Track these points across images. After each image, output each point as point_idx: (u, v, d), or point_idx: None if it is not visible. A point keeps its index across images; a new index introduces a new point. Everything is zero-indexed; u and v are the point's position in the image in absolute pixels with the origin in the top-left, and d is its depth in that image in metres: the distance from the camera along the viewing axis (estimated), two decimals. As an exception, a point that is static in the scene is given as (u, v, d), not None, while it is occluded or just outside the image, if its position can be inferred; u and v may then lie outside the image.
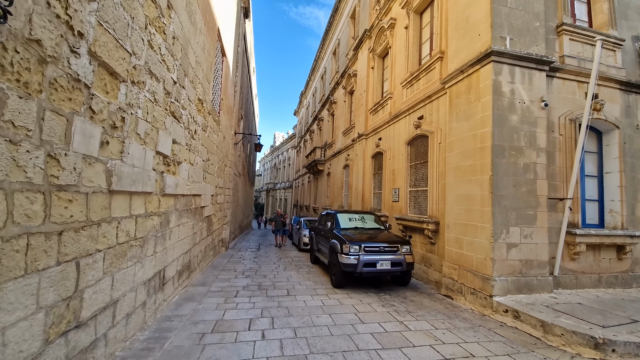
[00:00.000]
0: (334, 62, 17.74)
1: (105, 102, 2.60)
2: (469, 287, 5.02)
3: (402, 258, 5.70)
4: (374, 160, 10.13)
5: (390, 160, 8.67)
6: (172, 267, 4.56)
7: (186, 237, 5.33)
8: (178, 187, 4.56)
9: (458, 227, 5.40)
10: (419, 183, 7.20)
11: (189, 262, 5.67)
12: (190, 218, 5.50)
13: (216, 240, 8.96)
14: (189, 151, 5.12)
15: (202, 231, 6.67)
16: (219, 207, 9.07)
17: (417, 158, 7.41)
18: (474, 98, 5.30)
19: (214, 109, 7.19)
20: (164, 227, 4.08)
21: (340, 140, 14.59)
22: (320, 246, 7.97)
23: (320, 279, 6.70)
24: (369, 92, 10.94)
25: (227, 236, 11.02)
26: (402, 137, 8.01)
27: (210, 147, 6.95)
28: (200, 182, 6.06)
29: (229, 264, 8.05)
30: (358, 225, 7.04)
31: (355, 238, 5.96)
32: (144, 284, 3.53)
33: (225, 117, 9.27)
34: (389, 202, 8.61)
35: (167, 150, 3.98)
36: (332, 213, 7.45)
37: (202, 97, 5.76)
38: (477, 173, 5.05)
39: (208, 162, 6.84)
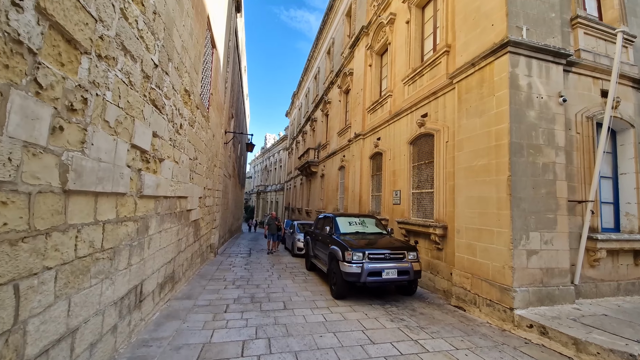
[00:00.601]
0: (328, 62, 17.33)
1: (60, 76, 2.02)
2: (485, 298, 4.58)
3: (409, 266, 5.23)
4: (372, 161, 9.69)
5: (391, 161, 8.23)
6: (151, 280, 3.94)
7: (169, 245, 4.71)
8: (160, 188, 3.97)
9: (470, 232, 4.97)
10: (423, 185, 6.78)
11: (173, 273, 5.04)
12: (174, 223, 4.89)
13: (204, 246, 8.31)
14: (174, 147, 4.53)
15: (188, 237, 6.04)
16: (208, 210, 8.43)
17: (420, 158, 6.99)
18: (487, 93, 4.90)
19: (203, 104, 6.60)
20: (141, 235, 3.48)
21: (335, 141, 14.13)
22: (317, 252, 7.43)
23: (319, 288, 6.16)
24: (366, 91, 10.52)
25: (216, 241, 10.35)
26: (404, 137, 7.59)
27: (198, 145, 6.35)
28: (186, 183, 5.46)
29: (218, 272, 7.41)
30: (359, 229, 6.55)
31: (358, 244, 5.46)
32: (114, 304, 2.92)
33: (215, 113, 8.66)
34: (389, 204, 8.16)
35: (146, 144, 3.40)
36: (331, 217, 6.94)
37: (189, 88, 5.18)
38: (492, 173, 4.64)
39: (195, 161, 6.23)
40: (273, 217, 11.78)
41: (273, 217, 11.82)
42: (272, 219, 11.70)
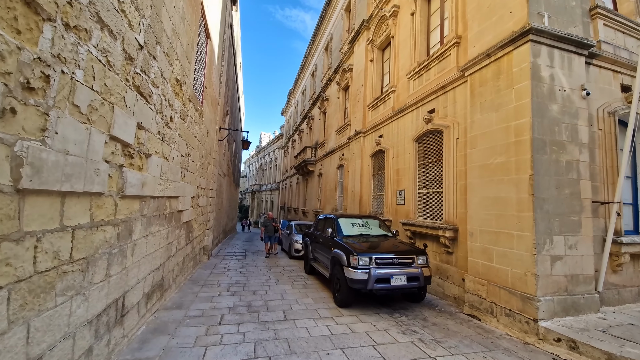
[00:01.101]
0: (326, 58, 16.92)
1: (14, 46, 1.59)
2: (503, 307, 4.23)
3: (419, 272, 4.86)
4: (373, 160, 9.31)
5: (394, 159, 7.86)
6: (136, 290, 3.49)
7: (158, 250, 4.26)
8: (146, 187, 3.52)
9: (486, 235, 4.62)
10: (431, 184, 6.42)
11: (162, 280, 4.59)
12: (163, 225, 4.43)
13: (197, 249, 7.84)
14: (163, 142, 4.07)
15: (179, 240, 5.58)
16: (201, 211, 7.96)
17: (427, 156, 6.63)
18: (504, 85, 4.55)
19: (196, 97, 6.14)
20: (123, 240, 3.03)
21: (334, 139, 13.73)
22: (317, 255, 7.03)
23: (320, 294, 5.75)
24: (367, 87, 10.14)
25: (210, 243, 9.88)
26: (409, 134, 7.23)
27: (190, 141, 5.89)
28: (177, 182, 5.00)
29: (212, 277, 6.96)
30: (363, 231, 6.16)
31: (364, 248, 5.07)
32: (88, 323, 2.48)
33: (209, 108, 8.19)
34: (392, 205, 7.80)
35: (129, 136, 2.95)
36: (332, 218, 6.53)
37: (180, 77, 4.72)
38: (512, 172, 4.28)
39: (188, 159, 5.77)
40: (269, 218, 10.95)
41: (269, 217, 11.00)
42: (268, 219, 10.86)
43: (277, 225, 10.93)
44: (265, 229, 10.78)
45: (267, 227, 10.72)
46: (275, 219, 11.37)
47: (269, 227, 10.68)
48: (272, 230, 10.70)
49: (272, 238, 10.79)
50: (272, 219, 10.91)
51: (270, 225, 10.70)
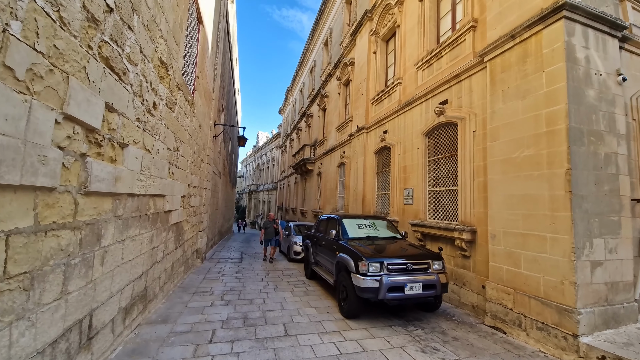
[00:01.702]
0: (325, 54, 16.40)
1: None
2: (534, 319, 3.72)
3: (435, 278, 4.35)
4: (377, 157, 8.80)
5: (401, 156, 7.36)
6: (109, 306, 2.93)
7: (139, 256, 3.70)
8: (121, 183, 2.96)
9: (512, 237, 4.11)
10: (443, 182, 5.91)
11: (145, 290, 4.02)
12: (146, 228, 3.87)
13: (189, 252, 7.27)
14: (144, 131, 3.51)
15: (167, 244, 5.02)
16: (193, 211, 7.39)
17: (439, 151, 6.13)
18: (532, 69, 4.05)
19: (186, 85, 5.58)
20: (88, 247, 2.47)
21: (334, 136, 13.21)
22: (319, 259, 6.50)
23: (324, 303, 5.22)
24: (370, 81, 9.63)
25: (204, 245, 9.30)
26: (418, 128, 6.72)
27: (180, 134, 5.33)
28: (163, 178, 4.44)
29: (205, 283, 6.39)
30: (370, 233, 5.63)
31: (374, 253, 4.54)
32: (39, 354, 1.92)
33: (202, 101, 7.62)
34: (399, 204, 7.29)
35: (94, 118, 2.39)
36: (336, 218, 6.00)
37: (166, 59, 4.16)
38: (543, 166, 3.78)
39: (177, 153, 5.21)
40: (270, 219, 9.84)
41: (270, 219, 9.93)
42: (269, 221, 9.75)
43: (277, 227, 9.74)
44: (265, 231, 9.60)
45: (267, 229, 9.59)
46: (276, 221, 10.03)
47: (269, 230, 9.57)
48: (273, 233, 9.61)
49: (271, 241, 9.67)
50: (272, 220, 9.79)
51: (270, 227, 9.60)
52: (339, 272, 5.05)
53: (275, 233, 9.59)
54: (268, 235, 9.53)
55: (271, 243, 9.65)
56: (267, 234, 9.52)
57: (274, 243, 9.74)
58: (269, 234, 9.52)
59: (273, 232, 9.56)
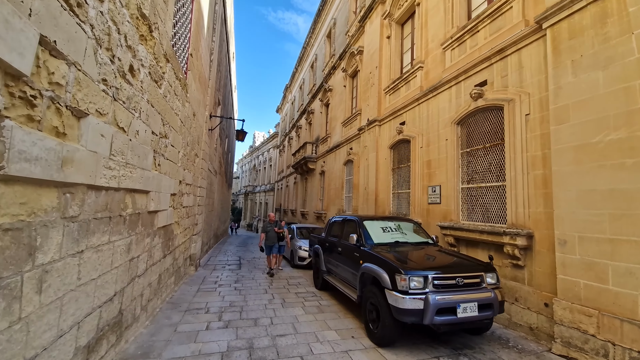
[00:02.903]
0: (328, 46, 15.53)
1: None
2: (628, 348, 2.84)
3: (493, 296, 3.44)
4: (393, 151, 7.91)
5: (423, 149, 6.48)
6: (57, 351, 1.97)
7: (109, 272, 2.73)
8: (72, 168, 2.00)
9: (593, 244, 3.23)
10: (482, 177, 5.04)
11: (120, 315, 3.05)
12: (120, 233, 2.91)
13: (180, 260, 6.28)
14: (114, 100, 2.56)
15: (152, 252, 4.04)
16: (186, 212, 6.41)
17: (475, 142, 5.25)
18: (616, 31, 3.20)
19: (177, 59, 4.62)
20: (11, 267, 1.52)
21: (339, 132, 12.32)
22: (333, 267, 5.58)
23: (345, 323, 4.29)
24: (382, 69, 8.77)
25: (198, 250, 8.31)
26: (446, 116, 5.85)
27: (169, 118, 4.37)
28: (146, 170, 3.48)
29: (199, 297, 5.42)
30: (398, 238, 4.72)
31: (414, 263, 3.63)
32: None
33: (197, 86, 6.67)
34: (421, 204, 6.40)
35: (17, 55, 1.45)
36: (355, 220, 5.08)
37: (149, 13, 3.21)
38: (638, 152, 2.92)
39: (165, 141, 4.26)
40: (271, 221, 7.99)
41: (271, 220, 8.07)
42: (269, 223, 7.91)
43: (282, 231, 7.78)
44: (265, 235, 7.75)
45: (268, 233, 7.73)
46: (280, 222, 8.26)
47: (270, 234, 7.69)
48: (275, 238, 7.69)
49: (274, 248, 7.70)
50: (274, 222, 7.97)
51: (272, 230, 7.72)
52: (364, 286, 4.13)
53: (278, 238, 7.73)
54: (269, 241, 7.70)
55: (272, 250, 7.73)
56: (268, 239, 7.72)
57: (277, 250, 7.85)
58: (270, 239, 7.70)
59: (275, 236, 7.72)
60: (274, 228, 7.77)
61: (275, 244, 7.68)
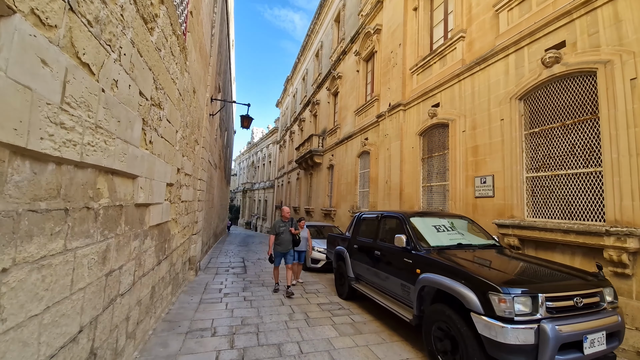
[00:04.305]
0: (336, 31, 14.46)
1: None
2: None
3: (620, 321, 2.46)
4: (422, 139, 6.91)
5: (467, 134, 5.48)
6: None
7: (69, 297, 1.69)
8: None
9: None
10: (562, 162, 4.04)
11: (92, 355, 2.01)
12: (88, 236, 1.86)
13: (179, 264, 5.23)
14: (71, 12, 1.51)
15: (141, 259, 3.00)
16: (185, 208, 5.36)
17: (548, 119, 4.25)
18: None
19: (173, 4, 3.55)
20: None
21: (350, 122, 11.29)
22: (364, 273, 4.60)
23: (396, 351, 3.28)
24: (407, 46, 7.75)
25: (198, 252, 7.26)
26: (501, 91, 4.86)
27: (164, 81, 3.32)
28: (130, 144, 2.43)
29: (202, 312, 4.39)
30: (459, 240, 3.71)
31: (512, 277, 2.63)
32: None
33: (197, 57, 5.60)
34: (465, 198, 5.41)
35: None
36: (400, 217, 4.06)
37: None
38: None
39: (158, 112, 3.20)
40: (285, 219, 5.81)
41: (285, 217, 5.84)
42: (282, 221, 5.74)
43: (297, 232, 5.80)
44: (276, 238, 5.61)
45: (279, 235, 5.60)
46: (296, 221, 6.13)
47: (283, 237, 5.59)
48: (290, 242, 5.67)
49: (288, 256, 5.64)
50: (289, 221, 5.84)
51: (286, 231, 5.64)
52: (422, 303, 3.14)
53: (294, 242, 5.71)
54: (282, 247, 5.58)
55: (286, 259, 5.61)
56: (281, 242, 5.57)
57: (296, 258, 5.96)
58: (282, 244, 5.57)
59: (290, 240, 5.65)
60: (289, 228, 5.73)
61: (289, 250, 5.67)
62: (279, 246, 5.64)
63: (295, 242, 5.78)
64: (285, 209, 6.05)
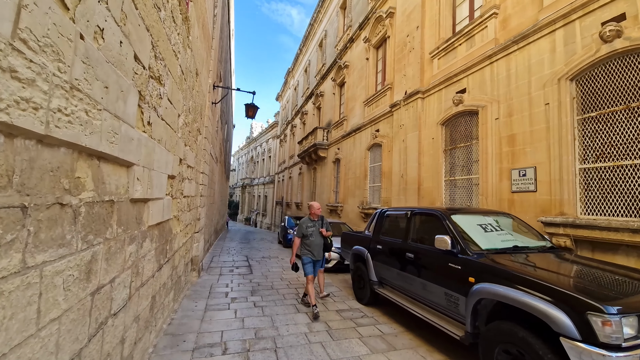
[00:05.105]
0: (342, 18, 13.80)
1: None
2: None
3: None
4: (445, 129, 6.36)
5: (502, 121, 4.94)
6: None
7: (34, 335, 1.13)
8: None
9: None
10: (627, 151, 3.50)
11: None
12: (62, 244, 1.30)
13: (181, 266, 4.69)
14: None
15: (139, 266, 2.44)
16: (187, 204, 4.80)
17: (610, 101, 3.69)
18: None
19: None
20: None
21: (359, 113, 10.71)
22: (391, 278, 4.09)
23: (443, 373, 2.78)
24: (426, 28, 7.16)
25: (201, 251, 6.73)
26: (545, 72, 4.30)
27: (164, 49, 2.73)
28: (124, 121, 1.86)
29: (209, 321, 3.86)
30: (514, 241, 3.19)
31: (613, 292, 2.11)
32: None
33: (200, 34, 4.99)
34: (499, 193, 4.89)
35: None
36: (438, 214, 3.51)
37: None
38: None
39: (158, 87, 2.63)
40: (315, 217, 4.62)
41: (314, 215, 4.62)
42: (310, 220, 4.61)
43: (330, 234, 4.60)
44: (302, 241, 4.55)
45: (309, 238, 4.50)
46: (326, 220, 4.78)
47: (314, 241, 4.49)
48: (321, 247, 4.56)
49: (318, 265, 4.69)
50: (319, 219, 4.64)
51: (315, 234, 4.52)
52: (476, 318, 2.62)
53: (325, 247, 4.56)
54: (312, 252, 4.48)
55: (317, 267, 4.69)
56: (310, 248, 4.47)
57: (322, 264, 4.80)
58: (313, 250, 4.47)
59: (321, 245, 4.53)
60: (320, 229, 4.51)
61: (322, 259, 4.64)
62: (309, 252, 4.49)
63: (326, 247, 4.55)
64: (315, 205, 4.65)
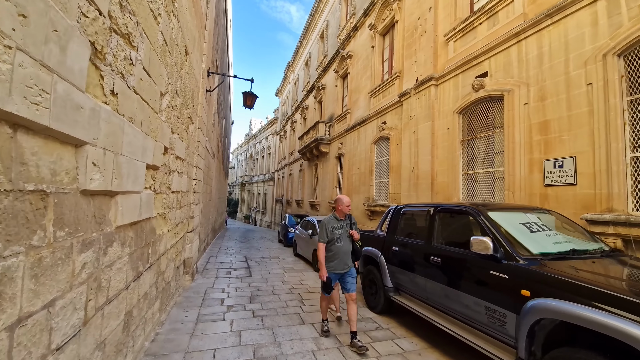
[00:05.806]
0: (344, 7, 13.16)
1: None
2: None
3: None
4: (463, 118, 5.79)
5: (532, 106, 4.37)
6: None
7: None
8: None
9: None
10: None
11: None
12: None
13: (170, 271, 4.12)
14: None
15: (101, 280, 1.87)
16: (177, 200, 4.23)
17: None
18: None
19: None
20: None
21: (364, 105, 10.13)
22: (411, 285, 3.54)
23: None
24: (439, 10, 6.57)
25: (195, 252, 6.18)
26: (585, 48, 3.72)
27: (138, 9, 2.15)
28: (63, 79, 1.28)
29: (200, 336, 3.31)
30: (569, 244, 2.63)
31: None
32: None
33: (189, 5, 4.40)
34: (529, 187, 4.33)
35: None
36: (472, 212, 2.95)
37: None
38: None
39: (127, 49, 2.04)
40: (342, 215, 3.46)
41: (342, 213, 3.45)
42: (335, 218, 3.46)
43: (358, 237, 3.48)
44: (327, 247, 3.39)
45: (335, 242, 3.36)
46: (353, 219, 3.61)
47: (340, 247, 3.36)
48: (349, 254, 3.42)
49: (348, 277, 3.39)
50: (347, 217, 3.50)
51: (344, 236, 3.40)
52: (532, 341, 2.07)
53: (354, 253, 3.46)
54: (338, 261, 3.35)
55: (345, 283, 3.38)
56: (336, 255, 3.35)
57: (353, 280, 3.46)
58: (339, 257, 3.35)
59: (350, 251, 3.43)
60: (348, 230, 3.46)
61: (350, 268, 3.43)
62: (333, 262, 3.36)
63: (356, 253, 3.48)
64: (345, 199, 3.48)
